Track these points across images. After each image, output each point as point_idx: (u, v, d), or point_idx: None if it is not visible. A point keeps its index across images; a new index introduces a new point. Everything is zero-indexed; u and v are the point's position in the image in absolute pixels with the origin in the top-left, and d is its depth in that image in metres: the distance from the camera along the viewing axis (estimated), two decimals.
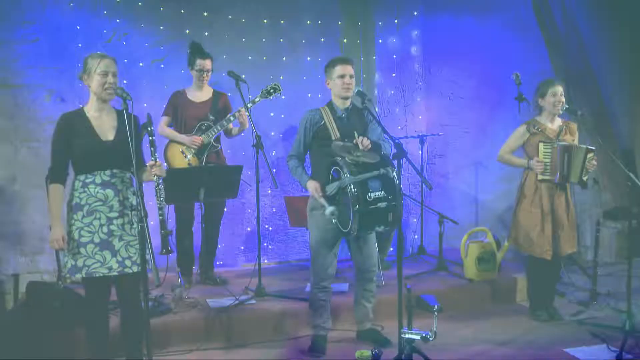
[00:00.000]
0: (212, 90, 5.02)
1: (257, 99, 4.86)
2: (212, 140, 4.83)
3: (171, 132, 4.84)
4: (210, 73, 4.92)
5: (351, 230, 3.45)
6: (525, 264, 4.60)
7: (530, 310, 4.63)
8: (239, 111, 4.78)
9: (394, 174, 3.37)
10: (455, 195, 6.53)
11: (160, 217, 3.07)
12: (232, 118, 4.82)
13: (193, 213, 4.95)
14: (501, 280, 5.03)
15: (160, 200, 3.08)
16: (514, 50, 6.58)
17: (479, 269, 4.95)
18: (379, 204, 3.40)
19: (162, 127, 4.86)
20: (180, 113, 4.87)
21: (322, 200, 3.64)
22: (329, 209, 3.55)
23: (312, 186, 3.71)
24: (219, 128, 4.84)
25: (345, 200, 3.51)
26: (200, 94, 4.95)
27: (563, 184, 4.35)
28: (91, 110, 3.19)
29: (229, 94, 5.21)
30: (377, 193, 3.41)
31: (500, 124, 6.42)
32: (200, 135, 4.80)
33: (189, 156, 4.78)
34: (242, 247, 5.95)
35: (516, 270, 5.30)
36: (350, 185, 3.38)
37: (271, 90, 4.90)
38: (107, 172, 3.12)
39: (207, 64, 4.88)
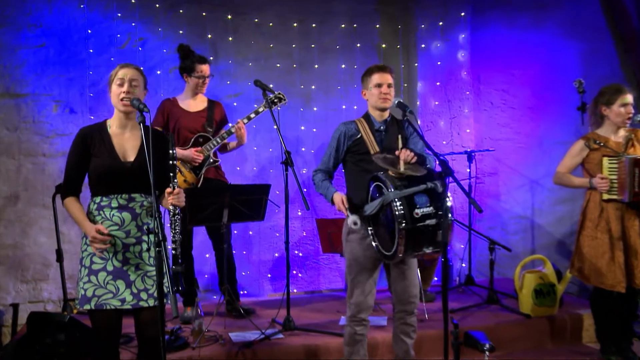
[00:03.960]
0: (206, 99, 5.00)
1: (260, 109, 4.85)
2: (211, 154, 4.85)
3: None
4: (209, 79, 4.96)
5: (396, 253, 3.43)
6: (591, 299, 4.45)
7: (600, 353, 4.47)
8: (237, 124, 4.80)
9: (443, 188, 3.35)
10: (508, 219, 6.46)
11: (174, 252, 3.01)
12: (231, 130, 4.81)
13: (191, 237, 4.93)
14: (564, 317, 4.94)
15: (176, 233, 3.03)
16: (576, 54, 6.47)
17: (537, 303, 4.87)
18: (427, 222, 3.34)
19: None
20: (173, 124, 4.83)
21: (347, 212, 3.63)
22: (352, 218, 3.55)
23: (338, 198, 3.68)
24: (219, 141, 4.81)
25: (387, 218, 3.50)
26: (195, 103, 4.93)
27: (635, 203, 4.22)
28: (114, 125, 3.17)
29: (255, 105, 5.26)
30: (424, 209, 3.36)
31: (560, 137, 6.31)
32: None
33: (184, 172, 4.79)
34: (269, 275, 5.97)
35: (582, 305, 5.19)
36: (394, 201, 3.36)
37: (275, 100, 4.84)
38: (125, 195, 3.08)
39: (208, 69, 4.91)
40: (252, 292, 5.88)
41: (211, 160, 4.84)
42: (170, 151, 3.04)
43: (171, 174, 3.03)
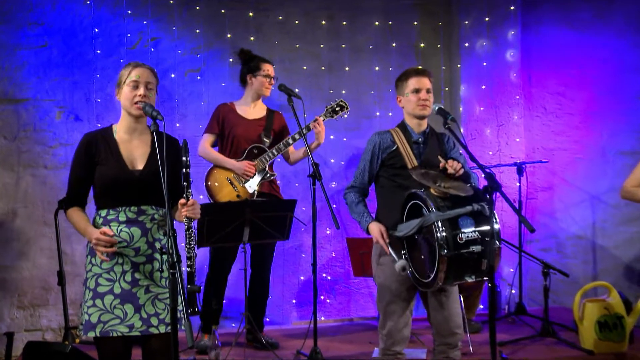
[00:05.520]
0: (266, 108, 5.06)
1: (320, 119, 4.88)
2: (267, 167, 4.88)
3: (218, 155, 4.87)
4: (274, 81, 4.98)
5: (435, 281, 3.40)
6: None
7: None
8: (316, 120, 4.79)
9: (490, 210, 3.32)
10: (564, 240, 6.37)
11: (189, 269, 2.97)
12: (293, 139, 4.81)
13: (235, 256, 4.92)
14: (636, 356, 4.75)
15: (191, 248, 3.00)
16: None
17: (601, 338, 4.73)
18: (472, 248, 3.34)
19: (206, 148, 4.88)
20: (228, 131, 4.89)
21: (390, 250, 3.62)
22: (400, 263, 3.54)
23: (377, 230, 3.67)
24: (275, 153, 4.84)
25: (426, 242, 3.48)
26: (253, 110, 4.98)
27: None
28: (121, 131, 3.16)
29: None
30: (469, 234, 3.36)
31: (626, 147, 6.21)
32: (252, 161, 4.83)
33: (237, 186, 4.84)
34: (294, 301, 5.98)
35: None
36: (436, 223, 3.34)
37: (337, 109, 4.92)
38: (134, 208, 3.07)
39: (273, 69, 4.97)
40: (275, 320, 5.86)
41: (267, 173, 4.87)
42: (184, 158, 3.01)
43: (185, 184, 2.99)
